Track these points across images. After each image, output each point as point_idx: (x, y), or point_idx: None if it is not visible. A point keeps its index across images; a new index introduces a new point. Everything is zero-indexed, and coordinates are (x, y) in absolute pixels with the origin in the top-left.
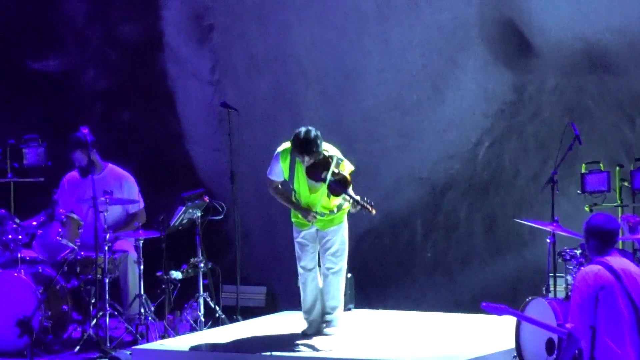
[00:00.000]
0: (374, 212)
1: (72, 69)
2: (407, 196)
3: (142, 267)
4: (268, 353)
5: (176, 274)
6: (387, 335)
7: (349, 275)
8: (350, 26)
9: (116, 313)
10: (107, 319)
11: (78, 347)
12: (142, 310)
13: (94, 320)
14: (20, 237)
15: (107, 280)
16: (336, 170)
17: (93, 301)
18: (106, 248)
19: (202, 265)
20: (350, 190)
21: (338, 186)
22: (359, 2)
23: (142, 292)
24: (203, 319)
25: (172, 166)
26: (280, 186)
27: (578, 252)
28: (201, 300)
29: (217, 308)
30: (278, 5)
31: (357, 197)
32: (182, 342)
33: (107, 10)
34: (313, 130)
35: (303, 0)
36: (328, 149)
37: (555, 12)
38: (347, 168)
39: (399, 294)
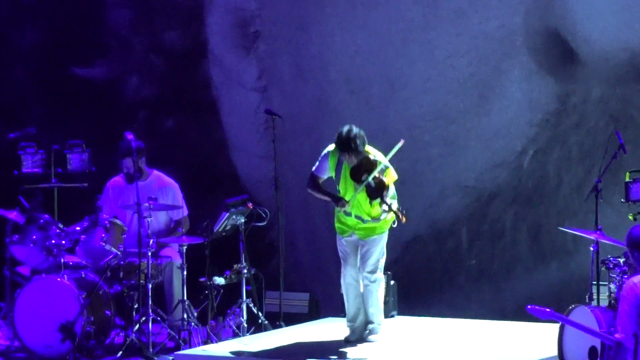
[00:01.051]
0: (404, 220)
1: (116, 76)
2: (452, 205)
3: (185, 272)
4: None
5: (219, 280)
6: (430, 343)
7: (392, 282)
8: (395, 35)
9: (159, 318)
10: (150, 324)
11: (120, 353)
12: (185, 316)
13: (137, 326)
14: (63, 242)
15: (150, 286)
16: (377, 175)
17: (136, 306)
18: (149, 254)
19: (245, 271)
20: (388, 197)
21: (375, 190)
22: (404, 10)
23: (185, 297)
24: (246, 325)
25: (216, 173)
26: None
27: (621, 260)
28: (244, 306)
29: (260, 314)
30: (322, 14)
31: (391, 203)
32: (224, 348)
33: (151, 18)
34: (354, 129)
35: (347, 9)
36: (376, 154)
37: (600, 22)
38: (391, 176)
39: (443, 302)
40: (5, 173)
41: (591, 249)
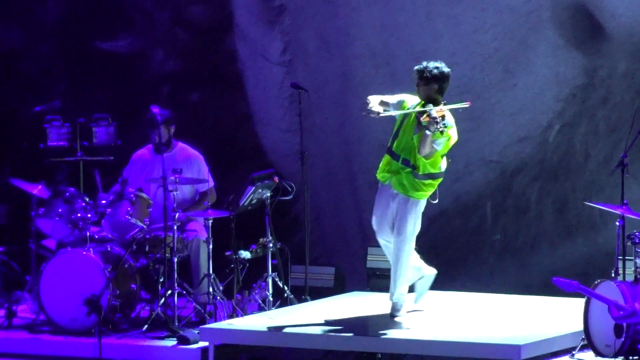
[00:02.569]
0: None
1: (141, 50)
2: (477, 179)
3: (211, 246)
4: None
5: (245, 254)
6: (456, 316)
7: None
8: (420, 9)
9: (184, 292)
10: (176, 298)
11: (146, 326)
12: (211, 290)
13: (162, 300)
14: (89, 215)
15: (175, 260)
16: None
17: (161, 280)
18: (175, 227)
19: (271, 245)
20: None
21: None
22: None
23: (211, 271)
24: (271, 299)
25: (242, 147)
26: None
27: None
28: (270, 280)
29: (286, 288)
30: None
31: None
32: (250, 322)
33: None
34: (444, 67)
35: None
36: (446, 115)
37: None
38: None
39: (468, 277)
40: (31, 146)
41: (617, 223)
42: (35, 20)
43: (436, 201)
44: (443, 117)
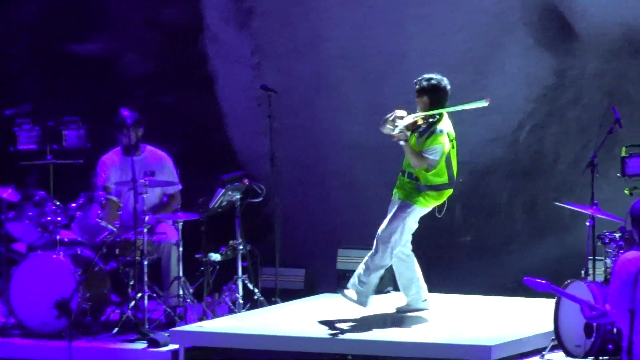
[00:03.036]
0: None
1: (113, 52)
2: None
3: (181, 249)
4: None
5: (215, 256)
6: (427, 317)
7: None
8: (391, 9)
9: (155, 295)
10: (146, 300)
11: (116, 329)
12: (181, 292)
13: (133, 302)
14: (59, 218)
15: (145, 262)
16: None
17: (132, 283)
18: (145, 230)
19: (241, 247)
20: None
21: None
22: None
23: (181, 274)
24: (242, 301)
25: (212, 149)
26: None
27: (617, 235)
28: (240, 283)
29: (256, 290)
30: None
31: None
32: (220, 324)
33: None
34: (440, 79)
35: None
36: (443, 125)
37: None
38: (439, 143)
39: (439, 278)
40: (1, 150)
41: (587, 224)
42: (7, 21)
43: (440, 215)
44: (415, 123)
